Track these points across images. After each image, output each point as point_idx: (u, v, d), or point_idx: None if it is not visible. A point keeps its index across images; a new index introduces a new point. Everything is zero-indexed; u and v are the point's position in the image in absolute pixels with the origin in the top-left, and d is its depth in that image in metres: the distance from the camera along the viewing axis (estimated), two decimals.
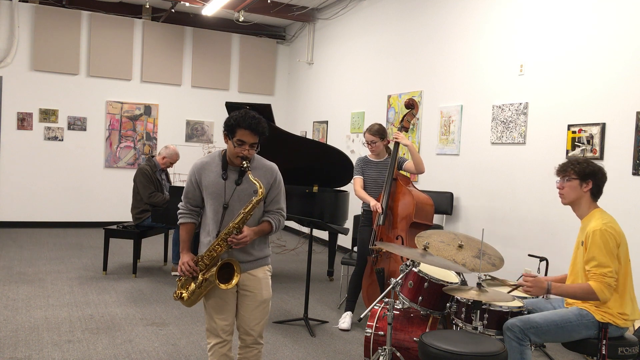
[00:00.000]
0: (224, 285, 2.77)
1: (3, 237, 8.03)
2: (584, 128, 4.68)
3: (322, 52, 9.32)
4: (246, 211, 2.78)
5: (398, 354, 3.28)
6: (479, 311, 3.07)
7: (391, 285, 3.20)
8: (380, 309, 3.56)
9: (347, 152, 7.76)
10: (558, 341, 3.10)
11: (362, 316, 3.12)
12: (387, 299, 3.23)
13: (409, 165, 4.77)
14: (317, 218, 5.61)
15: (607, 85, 4.53)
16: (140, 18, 9.47)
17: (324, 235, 7.82)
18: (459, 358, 2.68)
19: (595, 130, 4.58)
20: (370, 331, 3.50)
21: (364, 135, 4.85)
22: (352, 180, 4.92)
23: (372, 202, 4.58)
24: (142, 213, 6.25)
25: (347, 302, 4.89)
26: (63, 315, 4.74)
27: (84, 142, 9.22)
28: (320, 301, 5.59)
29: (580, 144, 4.69)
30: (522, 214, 5.25)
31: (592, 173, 3.12)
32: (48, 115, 8.99)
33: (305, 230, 8.46)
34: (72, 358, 3.86)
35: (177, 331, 4.50)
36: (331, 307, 5.43)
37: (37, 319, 4.61)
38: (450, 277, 3.58)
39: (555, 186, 3.30)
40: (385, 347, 3.21)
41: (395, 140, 4.64)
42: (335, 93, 8.78)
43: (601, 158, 4.53)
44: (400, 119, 5.07)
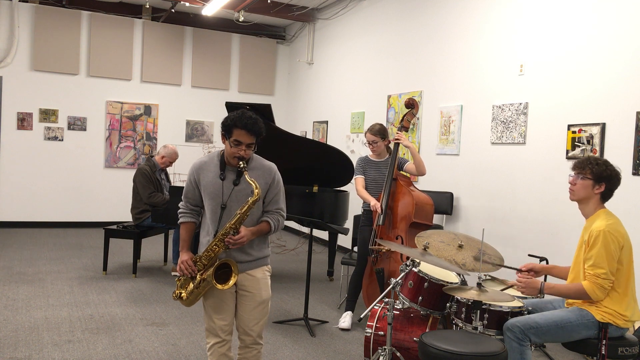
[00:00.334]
0: (220, 286, 2.77)
1: (3, 237, 8.03)
2: (584, 128, 4.68)
3: (322, 52, 9.32)
4: (242, 212, 2.78)
5: (398, 354, 3.28)
6: (479, 311, 3.07)
7: (391, 285, 3.20)
8: (380, 309, 3.56)
9: (347, 152, 7.75)
10: (558, 341, 3.10)
11: (362, 316, 3.11)
12: (387, 299, 3.23)
13: (410, 166, 4.77)
14: (317, 218, 5.61)
15: (607, 85, 4.53)
16: (140, 18, 9.47)
17: (324, 235, 7.82)
18: (459, 358, 2.68)
19: (595, 130, 4.58)
20: (370, 331, 3.50)
21: (365, 135, 4.86)
22: (354, 180, 4.91)
23: (372, 201, 4.58)
24: (142, 213, 6.24)
25: (347, 302, 4.89)
26: (63, 315, 4.74)
27: (84, 142, 9.22)
28: (320, 301, 5.59)
29: (580, 144, 4.69)
30: (522, 214, 5.24)
31: (608, 177, 3.08)
32: (48, 115, 8.99)
33: (305, 230, 8.45)
34: (72, 358, 3.86)
35: (177, 331, 4.50)
36: (331, 307, 5.43)
37: (37, 319, 4.60)
38: (450, 277, 3.58)
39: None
40: (385, 347, 3.21)
41: (397, 141, 4.65)
42: (335, 93, 8.77)
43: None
44: (400, 118, 5.07)
